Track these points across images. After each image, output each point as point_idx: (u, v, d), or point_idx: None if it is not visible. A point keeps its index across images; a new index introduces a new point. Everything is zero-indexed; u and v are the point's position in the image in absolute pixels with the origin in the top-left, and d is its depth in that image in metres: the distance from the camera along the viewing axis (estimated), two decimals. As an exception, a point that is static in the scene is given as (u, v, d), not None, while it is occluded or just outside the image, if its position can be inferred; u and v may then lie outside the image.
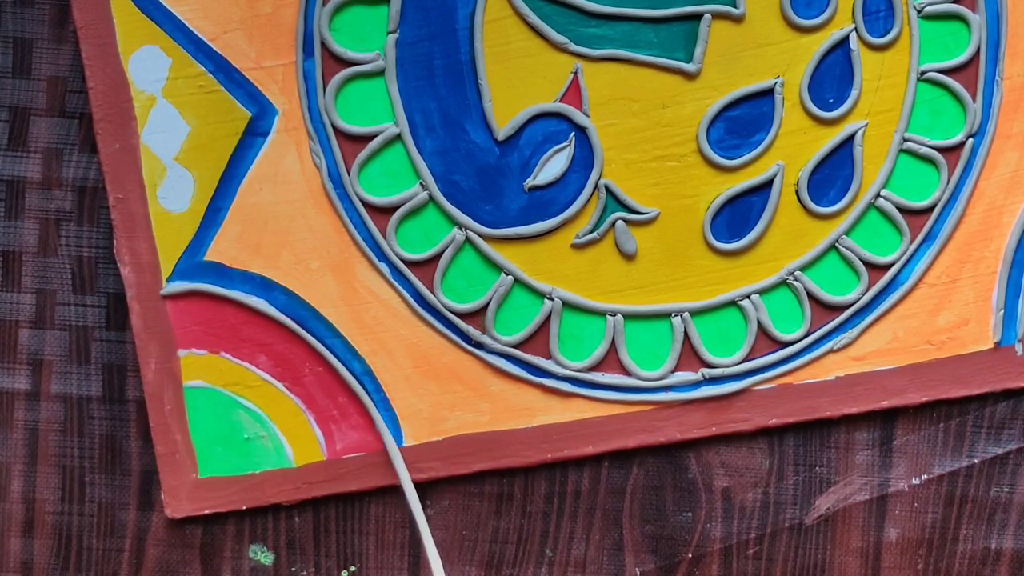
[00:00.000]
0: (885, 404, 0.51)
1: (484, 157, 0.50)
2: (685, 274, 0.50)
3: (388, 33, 0.49)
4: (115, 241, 0.50)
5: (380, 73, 0.49)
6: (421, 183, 0.50)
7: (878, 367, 0.51)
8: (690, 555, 0.51)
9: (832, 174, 0.50)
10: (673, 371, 0.50)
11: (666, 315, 0.50)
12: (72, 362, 0.51)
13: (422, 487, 0.51)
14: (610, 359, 0.50)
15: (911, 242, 0.50)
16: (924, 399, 0.51)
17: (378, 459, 0.51)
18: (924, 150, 0.50)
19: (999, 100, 0.50)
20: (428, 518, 0.51)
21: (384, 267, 0.50)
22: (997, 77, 0.50)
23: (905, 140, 0.50)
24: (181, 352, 0.50)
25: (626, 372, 0.50)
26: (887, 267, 0.50)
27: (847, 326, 0.50)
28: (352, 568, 0.52)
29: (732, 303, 0.50)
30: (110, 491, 0.52)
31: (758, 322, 0.50)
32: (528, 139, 0.50)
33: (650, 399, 0.50)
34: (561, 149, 0.50)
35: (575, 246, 0.50)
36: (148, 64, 0.49)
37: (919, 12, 0.49)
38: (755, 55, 0.49)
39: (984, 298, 0.50)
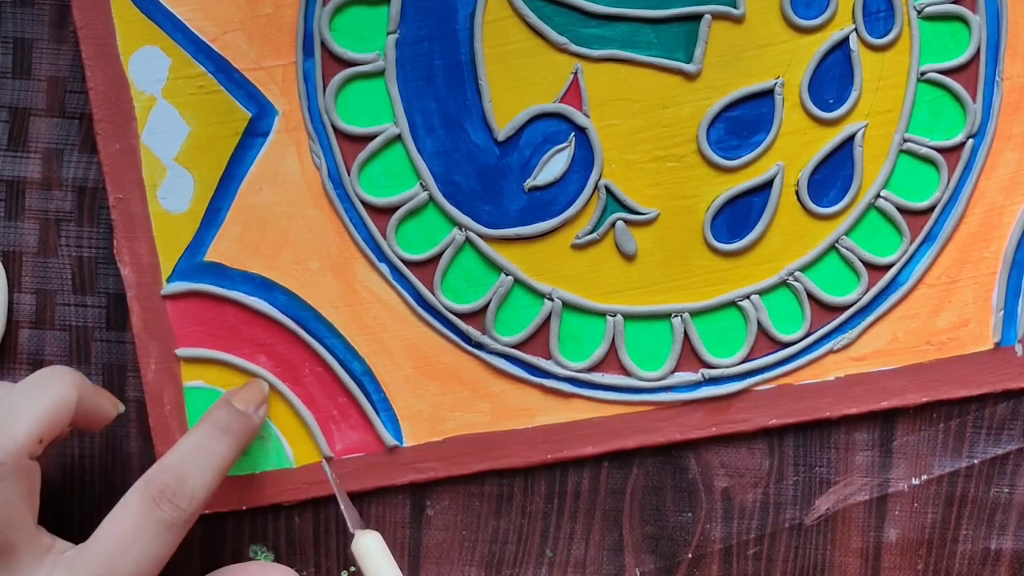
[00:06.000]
0: (885, 405, 0.51)
1: (484, 157, 0.50)
2: (685, 274, 0.50)
3: (388, 33, 0.49)
4: (115, 241, 0.50)
5: (380, 73, 0.49)
6: (421, 183, 0.50)
7: (878, 368, 0.51)
8: (690, 555, 0.51)
9: (832, 174, 0.50)
10: (673, 371, 0.50)
11: (666, 315, 0.50)
12: (72, 362, 0.51)
13: (422, 487, 0.51)
14: (610, 359, 0.50)
15: (911, 242, 0.50)
16: (924, 400, 0.51)
17: (378, 459, 0.51)
18: (924, 151, 0.50)
19: (999, 101, 0.50)
20: (428, 518, 0.51)
21: (384, 267, 0.50)
22: (997, 78, 0.50)
23: (905, 140, 0.50)
24: (181, 352, 0.50)
25: (626, 372, 0.50)
26: (887, 267, 0.50)
27: (847, 327, 0.50)
28: (352, 568, 0.52)
29: (732, 303, 0.50)
30: (110, 491, 0.52)
31: (758, 322, 0.50)
32: (528, 139, 0.50)
33: (650, 399, 0.51)
34: (561, 149, 0.50)
35: (575, 246, 0.50)
36: (148, 64, 0.49)
37: (919, 13, 0.49)
38: (755, 55, 0.49)
39: (984, 299, 0.50)
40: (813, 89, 0.49)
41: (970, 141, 0.50)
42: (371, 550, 0.46)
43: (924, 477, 0.51)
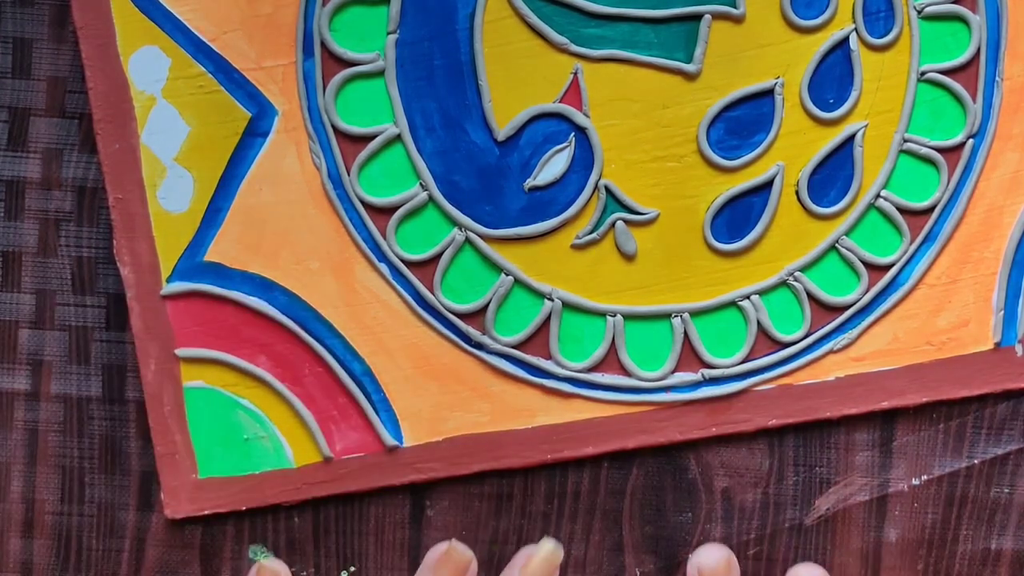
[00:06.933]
0: (885, 405, 0.51)
1: (484, 157, 0.50)
2: (685, 275, 0.50)
3: (388, 33, 0.49)
4: (115, 241, 0.50)
5: (380, 73, 0.49)
6: (421, 183, 0.50)
7: (878, 368, 0.51)
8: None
9: (832, 175, 0.50)
10: (673, 372, 0.50)
11: (666, 316, 0.50)
12: (72, 362, 0.51)
13: (422, 487, 0.51)
14: (610, 360, 0.50)
15: (911, 243, 0.50)
16: (924, 400, 0.51)
17: (378, 459, 0.51)
18: (924, 151, 0.50)
19: (999, 101, 0.50)
20: (428, 518, 0.51)
21: (384, 267, 0.50)
22: (997, 78, 0.50)
23: (905, 141, 0.50)
24: (181, 352, 0.50)
25: (626, 373, 0.50)
26: (887, 268, 0.50)
27: (847, 327, 0.50)
28: (352, 568, 0.52)
29: (732, 304, 0.50)
30: (110, 491, 0.52)
31: (758, 323, 0.50)
32: (528, 139, 0.50)
33: (650, 400, 0.51)
34: (561, 149, 0.50)
35: (575, 247, 0.50)
36: (148, 64, 0.49)
37: (919, 13, 0.49)
38: (755, 55, 0.49)
39: (984, 299, 0.50)
40: (813, 89, 0.49)
41: (970, 141, 0.50)
42: None
43: (924, 477, 0.51)
